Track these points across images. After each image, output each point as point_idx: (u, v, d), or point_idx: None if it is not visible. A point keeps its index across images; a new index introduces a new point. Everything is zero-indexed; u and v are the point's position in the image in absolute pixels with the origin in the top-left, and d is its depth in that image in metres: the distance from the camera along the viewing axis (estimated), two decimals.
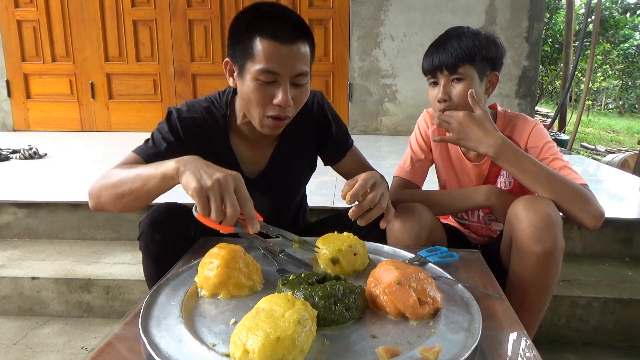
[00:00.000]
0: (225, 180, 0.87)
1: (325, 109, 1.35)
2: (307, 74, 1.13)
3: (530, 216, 1.13)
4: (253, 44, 1.07)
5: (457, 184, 1.48)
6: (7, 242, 2.17)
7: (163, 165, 0.96)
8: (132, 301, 1.85)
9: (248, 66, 1.09)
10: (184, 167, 0.91)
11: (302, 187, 1.49)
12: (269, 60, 1.06)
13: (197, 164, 0.91)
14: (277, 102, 1.09)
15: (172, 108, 1.24)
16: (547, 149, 1.32)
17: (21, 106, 4.63)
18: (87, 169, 2.90)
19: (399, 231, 1.21)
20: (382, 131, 4.42)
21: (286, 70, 1.08)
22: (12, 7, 4.44)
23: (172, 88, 4.55)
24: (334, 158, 1.40)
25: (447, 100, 1.28)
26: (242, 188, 0.89)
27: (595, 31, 5.28)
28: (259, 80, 1.08)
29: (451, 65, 1.25)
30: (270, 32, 1.06)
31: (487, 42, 1.28)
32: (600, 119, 12.69)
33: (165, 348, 0.70)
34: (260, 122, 1.15)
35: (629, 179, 3.00)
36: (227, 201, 0.86)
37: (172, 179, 0.94)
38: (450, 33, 1.30)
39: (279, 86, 1.09)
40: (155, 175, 0.97)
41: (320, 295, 0.80)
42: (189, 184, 0.88)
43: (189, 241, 1.18)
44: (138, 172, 1.01)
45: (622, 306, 1.71)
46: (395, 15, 4.30)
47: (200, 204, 0.86)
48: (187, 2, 4.38)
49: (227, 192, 0.86)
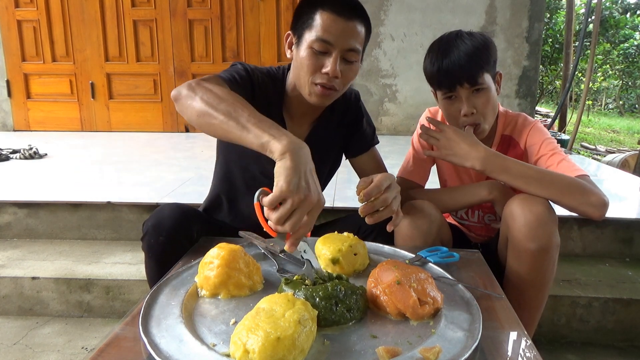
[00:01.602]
0: (311, 201, 0.82)
1: (361, 104, 1.45)
2: (358, 52, 1.18)
3: (525, 214, 1.14)
4: (314, 16, 1.15)
5: (458, 182, 1.49)
6: (7, 242, 2.17)
7: (273, 133, 0.88)
8: (132, 301, 1.85)
9: (306, 36, 1.16)
10: (291, 156, 0.84)
11: (327, 178, 1.52)
12: (325, 31, 1.13)
13: (302, 161, 0.85)
14: (326, 71, 1.15)
15: (238, 62, 1.28)
16: (546, 144, 1.32)
17: (21, 106, 4.63)
18: (87, 169, 2.90)
19: (408, 227, 1.21)
20: (382, 131, 4.42)
21: (339, 42, 1.14)
22: (12, 7, 4.44)
23: (172, 88, 4.49)
24: (358, 149, 1.44)
25: (474, 113, 1.28)
26: (315, 216, 0.86)
27: (595, 31, 5.28)
28: (312, 48, 1.15)
29: (472, 78, 1.25)
30: (330, 6, 1.13)
31: (489, 43, 1.29)
32: (601, 119, 12.68)
33: (165, 348, 0.70)
34: (308, 90, 1.20)
35: (629, 179, 3.00)
36: (295, 217, 0.81)
37: (271, 152, 0.87)
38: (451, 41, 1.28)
39: (330, 56, 1.15)
40: (259, 135, 0.89)
41: (322, 295, 0.80)
42: (281, 176, 0.82)
43: (192, 243, 1.19)
44: (246, 114, 0.93)
45: (622, 306, 1.71)
46: (395, 15, 4.30)
47: (271, 201, 0.81)
48: (187, 2, 4.38)
49: (301, 210, 0.81)
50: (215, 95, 0.98)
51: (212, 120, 0.96)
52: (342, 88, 1.22)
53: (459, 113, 1.29)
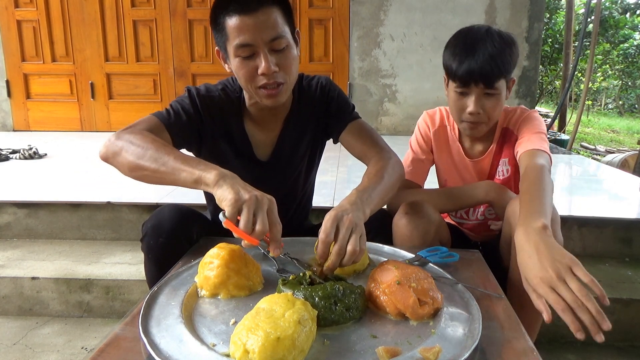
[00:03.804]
0: (262, 198, 0.87)
1: (328, 89, 1.34)
2: (283, 37, 1.11)
3: None
4: (224, 25, 1.11)
5: (459, 182, 1.49)
6: (7, 242, 2.17)
7: (201, 168, 0.94)
8: (132, 301, 1.85)
9: (228, 47, 1.13)
10: (224, 181, 0.90)
11: (311, 172, 1.48)
12: (239, 34, 1.08)
13: (237, 181, 0.91)
14: (261, 71, 1.10)
15: (190, 87, 1.27)
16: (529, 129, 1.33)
17: (21, 106, 4.63)
18: (87, 169, 2.90)
19: (406, 228, 1.21)
20: (382, 131, 4.42)
21: (257, 38, 1.08)
22: (12, 7, 4.44)
23: (172, 88, 4.54)
24: (336, 130, 1.34)
25: (480, 113, 1.28)
26: (275, 211, 0.89)
27: (595, 31, 5.28)
28: (239, 56, 1.11)
29: (489, 82, 1.24)
30: (233, 8, 1.08)
31: (514, 49, 1.27)
32: (600, 119, 12.69)
33: (165, 348, 0.70)
34: (257, 96, 1.16)
35: (629, 179, 3.00)
36: (259, 217, 0.85)
37: (207, 186, 0.92)
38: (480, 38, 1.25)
39: (259, 56, 1.10)
40: (190, 173, 0.94)
41: (321, 295, 0.80)
42: (225, 196, 0.87)
43: (191, 244, 1.19)
44: (172, 158, 0.98)
45: (622, 306, 1.71)
46: (395, 15, 4.30)
47: (231, 212, 0.85)
48: (187, 2, 4.38)
49: (260, 209, 0.86)
50: (138, 147, 1.02)
51: (144, 172, 1.01)
52: (289, 78, 1.16)
53: (465, 109, 1.29)
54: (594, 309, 0.80)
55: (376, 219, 1.08)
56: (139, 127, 1.11)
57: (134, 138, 1.04)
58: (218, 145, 1.29)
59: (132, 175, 1.05)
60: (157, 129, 1.14)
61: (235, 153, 1.31)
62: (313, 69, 4.37)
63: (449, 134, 1.47)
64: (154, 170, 0.99)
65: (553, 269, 0.85)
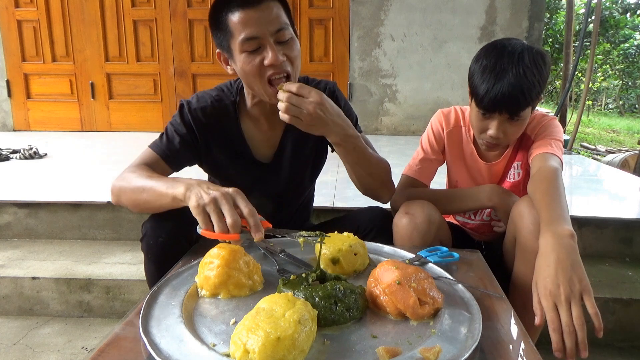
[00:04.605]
0: (222, 196, 0.90)
1: (336, 96, 1.34)
2: (287, 28, 1.13)
3: (534, 214, 1.12)
4: (228, 23, 1.11)
5: (470, 184, 1.47)
6: (7, 242, 2.17)
7: (174, 186, 1.00)
8: (132, 301, 1.85)
9: (232, 46, 1.13)
10: (190, 192, 0.95)
11: (314, 175, 1.47)
12: (244, 28, 1.09)
13: (201, 187, 0.95)
14: (269, 62, 1.10)
15: (183, 101, 1.28)
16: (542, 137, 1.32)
17: (21, 106, 4.63)
18: (87, 169, 2.90)
19: (407, 227, 1.21)
20: (382, 131, 4.41)
21: (264, 30, 1.09)
22: (12, 7, 4.44)
23: (172, 88, 4.54)
24: None
25: (500, 137, 1.26)
26: (243, 201, 0.92)
27: (595, 31, 5.28)
28: (245, 51, 1.11)
29: (515, 111, 1.21)
30: (235, 4, 1.10)
31: (547, 73, 1.23)
32: (601, 119, 12.67)
33: (165, 348, 0.71)
34: (266, 92, 1.16)
35: (629, 179, 3.00)
36: (226, 213, 0.89)
37: (182, 201, 0.98)
38: (511, 62, 1.18)
39: (265, 48, 1.11)
40: (167, 195, 1.02)
41: (321, 295, 0.80)
42: (191, 204, 0.93)
43: (191, 244, 1.19)
44: (153, 185, 1.06)
45: (622, 306, 1.71)
46: (396, 15, 4.30)
47: (200, 219, 0.90)
48: (187, 2, 4.38)
49: (224, 205, 0.89)
50: (130, 191, 1.12)
51: (143, 207, 1.12)
52: (295, 71, 1.17)
53: (486, 130, 1.26)
54: (581, 338, 0.83)
55: (376, 219, 1.09)
56: (135, 164, 1.19)
57: (126, 181, 1.13)
58: (215, 153, 1.30)
59: (138, 211, 1.15)
60: (152, 161, 1.21)
61: (233, 156, 1.31)
62: (313, 68, 4.37)
63: (464, 136, 1.44)
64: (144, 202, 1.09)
65: (564, 288, 0.87)
